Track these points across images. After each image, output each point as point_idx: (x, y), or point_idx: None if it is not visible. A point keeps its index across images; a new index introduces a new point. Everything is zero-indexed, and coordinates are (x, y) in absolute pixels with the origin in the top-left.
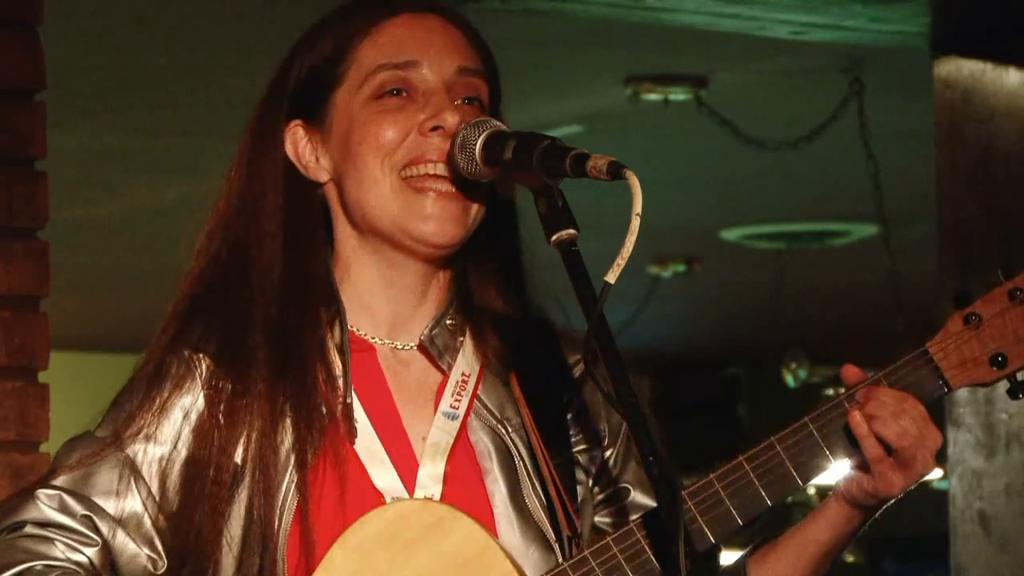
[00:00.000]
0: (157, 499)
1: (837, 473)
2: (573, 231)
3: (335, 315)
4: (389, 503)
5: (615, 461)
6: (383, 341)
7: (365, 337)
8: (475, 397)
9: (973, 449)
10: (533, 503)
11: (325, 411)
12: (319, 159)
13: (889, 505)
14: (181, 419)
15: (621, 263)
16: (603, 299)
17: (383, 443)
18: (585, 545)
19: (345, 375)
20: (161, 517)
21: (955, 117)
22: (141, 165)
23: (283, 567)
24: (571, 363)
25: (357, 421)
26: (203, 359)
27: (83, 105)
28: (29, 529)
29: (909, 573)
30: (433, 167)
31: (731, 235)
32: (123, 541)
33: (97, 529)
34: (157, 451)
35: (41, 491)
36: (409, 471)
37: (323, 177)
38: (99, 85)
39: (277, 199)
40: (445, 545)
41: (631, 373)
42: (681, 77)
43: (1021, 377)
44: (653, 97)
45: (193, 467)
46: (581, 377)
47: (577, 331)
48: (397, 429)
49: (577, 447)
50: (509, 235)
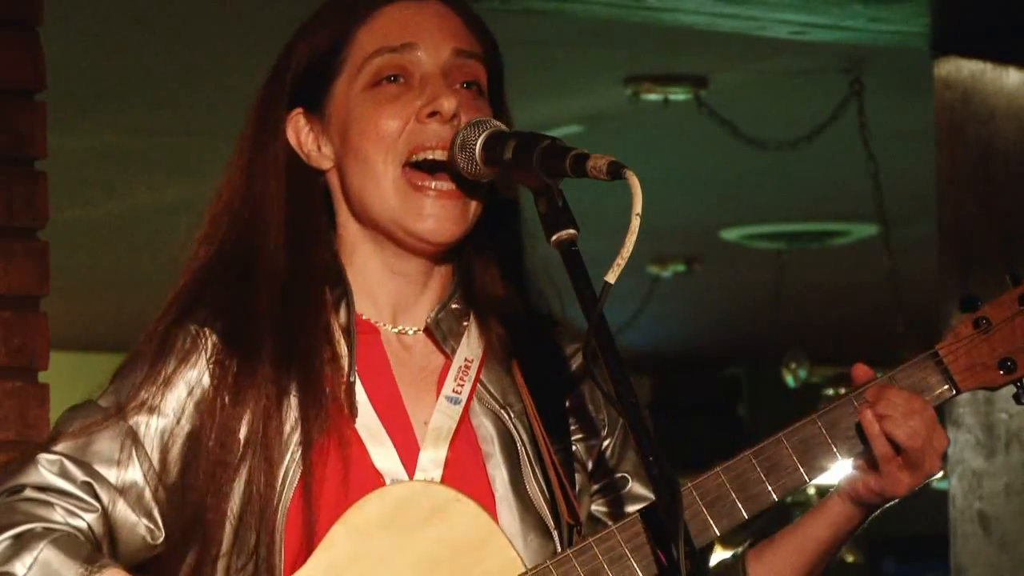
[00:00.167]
0: (158, 471)
1: (838, 472)
2: (573, 231)
3: (341, 297)
4: (391, 484)
5: (612, 451)
6: (386, 325)
7: (369, 320)
8: (478, 382)
9: (973, 449)
10: (533, 489)
11: (329, 391)
12: (321, 147)
13: (890, 504)
14: (185, 394)
15: (621, 263)
16: (603, 299)
17: (384, 425)
18: (588, 534)
19: (350, 355)
20: (161, 489)
21: (955, 117)
22: (141, 165)
23: (281, 543)
24: (570, 353)
25: (359, 402)
26: (210, 335)
27: (83, 105)
28: (29, 492)
29: (909, 573)
30: (432, 153)
31: (731, 235)
32: (122, 510)
33: (97, 496)
34: (160, 423)
35: (42, 456)
36: (409, 454)
37: (325, 165)
38: (99, 85)
39: (280, 188)
40: (448, 530)
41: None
42: (681, 77)
43: None
44: (653, 97)
45: (196, 442)
46: (580, 368)
47: (575, 323)
48: (399, 412)
49: (575, 436)
50: (511, 227)
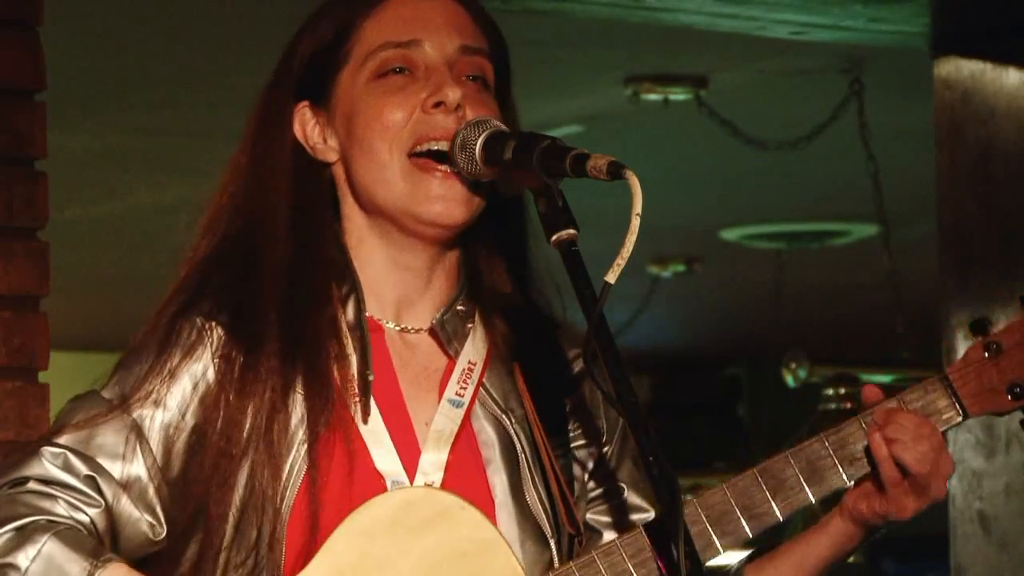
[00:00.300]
0: (161, 466)
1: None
2: (573, 231)
3: (349, 293)
4: (394, 489)
5: (609, 459)
6: (390, 323)
7: (372, 317)
8: (480, 385)
9: (973, 449)
10: (532, 497)
11: (335, 387)
12: (327, 140)
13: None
14: (190, 388)
15: (621, 263)
16: (603, 299)
17: (386, 425)
18: (589, 546)
19: (364, 351)
20: (164, 484)
21: (955, 117)
22: (141, 165)
23: (283, 541)
24: (571, 358)
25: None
26: (215, 328)
27: (83, 105)
28: (32, 485)
29: (909, 573)
30: (437, 144)
31: (731, 235)
32: (125, 505)
33: (100, 490)
34: (164, 417)
35: (46, 448)
36: (410, 455)
37: (331, 157)
38: (99, 85)
39: (286, 180)
40: (450, 536)
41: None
42: (681, 77)
43: None
44: (653, 97)
45: (200, 436)
46: (580, 372)
47: (577, 327)
48: (401, 412)
49: (575, 442)
50: (517, 224)
